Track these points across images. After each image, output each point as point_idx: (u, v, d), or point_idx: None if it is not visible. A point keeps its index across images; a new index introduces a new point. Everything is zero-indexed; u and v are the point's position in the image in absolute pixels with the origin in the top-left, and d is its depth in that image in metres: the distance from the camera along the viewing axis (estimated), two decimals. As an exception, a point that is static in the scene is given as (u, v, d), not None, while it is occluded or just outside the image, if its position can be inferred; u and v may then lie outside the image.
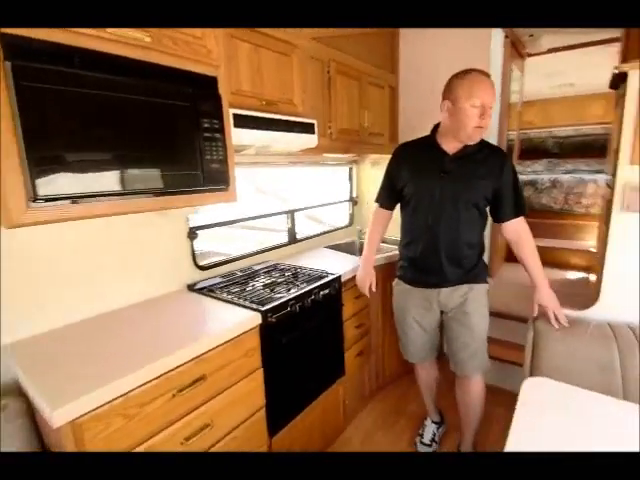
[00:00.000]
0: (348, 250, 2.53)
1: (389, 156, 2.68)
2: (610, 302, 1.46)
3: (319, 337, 1.68)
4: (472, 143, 1.32)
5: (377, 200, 1.64)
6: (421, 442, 1.80)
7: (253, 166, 2.01)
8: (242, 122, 1.32)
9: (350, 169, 2.94)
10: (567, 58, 3.15)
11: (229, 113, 1.26)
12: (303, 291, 1.54)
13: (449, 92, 1.29)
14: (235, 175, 1.32)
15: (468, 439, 1.64)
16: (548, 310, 1.38)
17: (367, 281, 1.66)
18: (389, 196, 1.57)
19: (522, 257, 1.42)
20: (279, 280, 1.69)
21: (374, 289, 1.68)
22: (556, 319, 1.38)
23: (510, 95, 2.82)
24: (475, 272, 1.45)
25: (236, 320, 1.26)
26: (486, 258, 1.64)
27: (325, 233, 2.65)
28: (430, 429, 1.83)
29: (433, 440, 1.79)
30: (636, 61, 1.25)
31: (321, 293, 1.62)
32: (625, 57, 1.67)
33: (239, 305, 1.40)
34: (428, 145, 1.42)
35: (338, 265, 1.92)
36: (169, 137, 1.07)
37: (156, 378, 0.99)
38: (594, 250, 2.82)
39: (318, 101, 1.85)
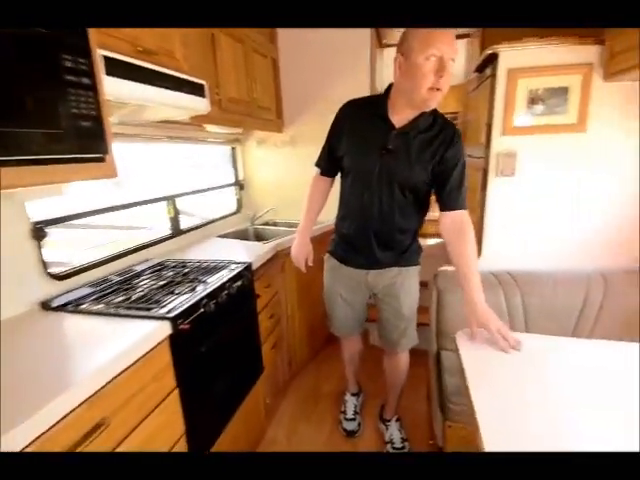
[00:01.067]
0: (243, 237, 2.32)
1: (277, 134, 2.59)
2: (490, 255, 1.70)
3: (238, 336, 1.46)
4: (428, 110, 1.14)
5: (317, 164, 1.47)
6: (345, 418, 1.79)
7: (117, 140, 1.58)
8: (115, 69, 0.97)
9: (233, 149, 2.68)
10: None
11: (99, 54, 0.90)
12: (216, 286, 1.29)
13: (402, 43, 1.07)
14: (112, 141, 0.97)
15: (392, 404, 1.71)
16: (491, 330, 1.02)
17: (303, 255, 1.53)
18: (329, 162, 1.40)
19: (460, 256, 1.20)
20: (177, 279, 1.38)
21: (310, 263, 1.55)
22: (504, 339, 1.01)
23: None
24: (406, 256, 1.39)
25: (134, 337, 0.94)
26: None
27: (212, 222, 2.34)
28: (351, 403, 1.85)
29: (355, 412, 1.82)
30: (505, 44, 1.43)
31: (234, 286, 1.39)
32: (483, 46, 1.96)
33: (133, 317, 1.07)
34: (376, 112, 1.23)
35: (239, 254, 1.70)
36: (7, 72, 0.68)
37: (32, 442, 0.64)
38: None
39: (201, 60, 1.55)
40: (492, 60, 1.53)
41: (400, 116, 1.19)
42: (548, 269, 1.63)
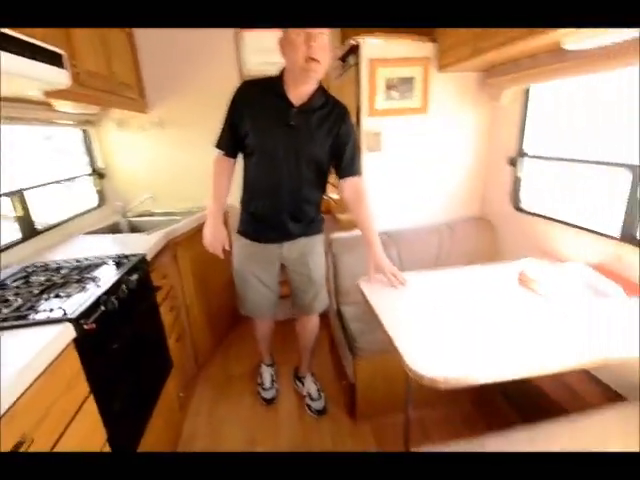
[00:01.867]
0: (116, 232, 2.07)
1: (142, 115, 2.33)
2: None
3: (144, 332, 1.36)
4: (310, 84, 1.25)
5: (218, 146, 1.42)
6: (263, 389, 1.87)
7: None
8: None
9: (84, 131, 2.30)
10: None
11: None
12: (112, 281, 1.17)
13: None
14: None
15: (306, 363, 1.87)
16: (385, 272, 1.33)
17: (219, 240, 1.46)
18: (230, 142, 1.39)
19: (360, 217, 1.43)
20: (56, 281, 1.19)
21: (228, 247, 1.50)
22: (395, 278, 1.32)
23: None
24: (312, 225, 1.51)
25: (36, 347, 0.81)
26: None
27: (72, 219, 2.01)
28: (267, 373, 1.93)
29: (272, 381, 1.91)
30: (364, 35, 1.67)
31: (132, 279, 1.28)
32: (342, 35, 2.18)
33: (27, 325, 0.90)
34: (274, 92, 1.29)
35: (122, 249, 1.54)
36: None
37: None
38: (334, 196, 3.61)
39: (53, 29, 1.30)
40: (354, 50, 1.75)
41: (296, 94, 1.28)
42: (412, 226, 2.02)
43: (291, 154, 1.32)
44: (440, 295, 1.25)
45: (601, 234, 1.36)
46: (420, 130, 1.90)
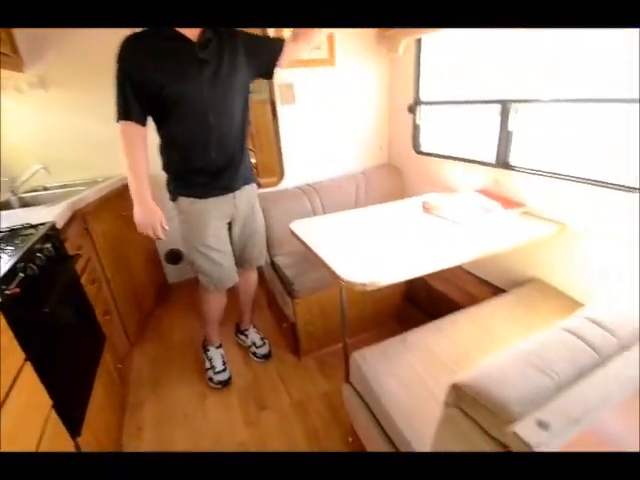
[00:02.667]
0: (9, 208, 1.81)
1: (17, 75, 1.98)
2: (293, 174, 2.07)
3: (71, 300, 1.28)
4: None
5: (123, 116, 1.23)
6: (216, 373, 1.73)
7: None
8: None
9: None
10: None
11: None
12: (27, 247, 1.07)
13: None
14: None
15: (248, 316, 1.92)
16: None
17: (155, 219, 1.34)
18: (138, 107, 1.23)
19: (299, 40, 1.40)
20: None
21: (166, 226, 1.38)
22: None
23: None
24: (249, 172, 1.50)
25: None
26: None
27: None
28: (218, 355, 1.79)
29: (224, 362, 1.77)
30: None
31: (46, 246, 1.18)
32: None
33: None
34: (167, 36, 1.18)
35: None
36: None
37: None
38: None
39: None
40: None
41: (188, 31, 1.20)
42: (331, 176, 2.16)
43: (219, 87, 1.26)
44: (360, 227, 1.41)
45: (482, 163, 1.64)
46: (330, 82, 1.99)
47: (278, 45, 1.39)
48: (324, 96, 2.01)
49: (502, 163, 1.55)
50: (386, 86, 2.14)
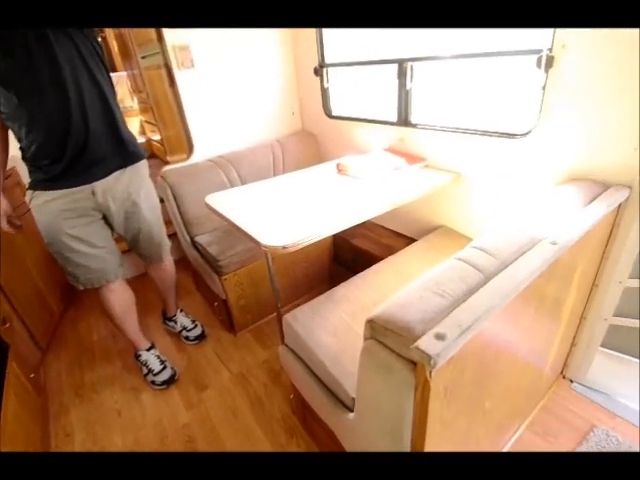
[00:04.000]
0: None
1: None
2: (201, 146, 1.96)
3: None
4: None
5: None
6: (155, 374, 1.58)
7: None
8: None
9: None
10: None
11: None
12: None
13: None
14: None
15: (172, 303, 1.82)
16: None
17: (3, 215, 1.20)
18: None
19: None
20: None
21: (18, 222, 1.22)
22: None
23: None
24: (133, 145, 1.31)
25: None
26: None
27: None
28: (152, 357, 1.62)
29: (162, 360, 1.63)
30: None
31: None
32: None
33: None
34: None
35: None
36: None
37: None
38: (156, 137, 3.24)
39: None
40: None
41: None
42: (245, 146, 2.09)
43: (64, 56, 1.09)
44: (277, 194, 1.41)
45: (387, 123, 1.73)
46: (230, 43, 1.88)
47: None
48: (225, 58, 1.90)
49: (403, 121, 1.65)
50: (291, 48, 2.09)
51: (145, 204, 1.39)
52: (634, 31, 0.90)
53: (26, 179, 1.26)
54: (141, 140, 3.92)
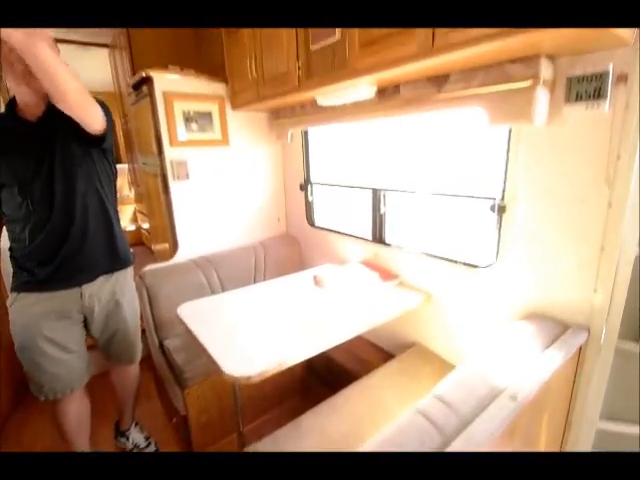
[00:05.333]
0: None
1: None
2: (187, 247, 2.01)
3: None
4: (31, 96, 1.10)
5: None
6: None
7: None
8: None
9: None
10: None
11: None
12: None
13: None
14: None
15: (129, 414, 1.67)
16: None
17: None
18: None
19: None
20: None
21: None
22: None
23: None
24: (124, 252, 1.37)
25: None
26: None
27: None
28: None
29: None
30: (158, 70, 1.72)
31: None
32: (132, 59, 2.13)
33: None
34: (6, 118, 1.14)
35: None
36: None
37: None
38: (146, 226, 3.34)
39: None
40: (146, 81, 1.78)
41: (30, 113, 1.15)
42: (229, 247, 2.15)
43: (67, 163, 1.17)
44: (254, 306, 1.42)
45: (364, 239, 1.84)
46: (225, 159, 2.07)
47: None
48: (219, 173, 2.07)
49: (378, 240, 1.75)
50: (280, 165, 2.31)
51: (127, 305, 1.41)
52: (576, 191, 1.04)
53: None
54: (131, 227, 4.04)
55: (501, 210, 1.21)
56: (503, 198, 1.21)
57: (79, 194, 1.21)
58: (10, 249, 1.25)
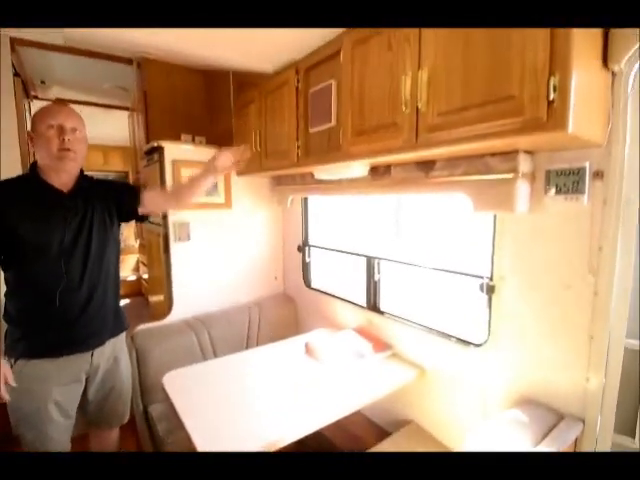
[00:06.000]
0: None
1: None
2: (180, 306, 2.01)
3: None
4: (71, 170, 1.22)
5: None
6: None
7: None
8: None
9: None
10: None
11: None
12: None
13: (31, 124, 1.21)
14: None
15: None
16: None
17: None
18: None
19: (177, 192, 1.48)
20: None
21: (12, 382, 1.13)
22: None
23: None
24: (118, 322, 1.38)
25: None
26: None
27: None
28: None
29: None
30: (170, 140, 1.85)
31: None
32: (149, 126, 2.30)
33: None
34: (33, 185, 1.19)
35: None
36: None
37: None
38: (145, 276, 3.38)
39: None
40: (158, 149, 1.91)
41: (60, 182, 1.22)
42: (222, 307, 2.15)
43: (82, 236, 1.23)
44: (243, 376, 1.39)
45: (358, 305, 1.83)
46: (226, 222, 2.15)
47: (134, 192, 1.40)
48: (220, 234, 2.14)
49: (372, 307, 1.75)
50: (280, 226, 2.38)
51: (124, 363, 1.42)
52: (561, 277, 1.05)
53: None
54: (132, 277, 4.08)
55: (490, 290, 1.22)
56: (492, 278, 1.22)
57: (105, 260, 1.29)
58: (16, 314, 1.22)
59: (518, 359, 1.17)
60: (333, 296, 2.02)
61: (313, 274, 2.24)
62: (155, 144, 1.87)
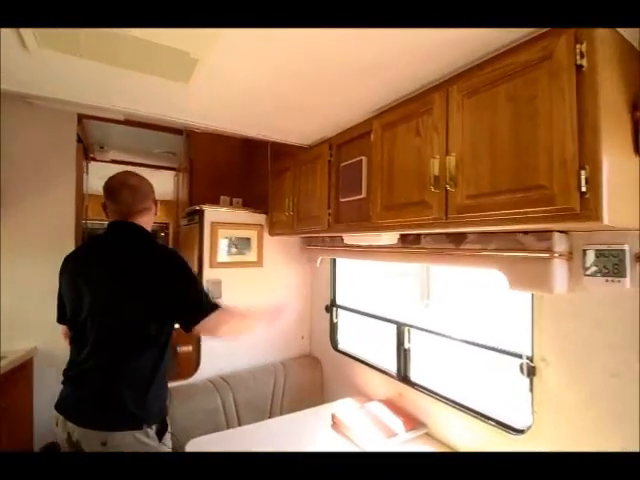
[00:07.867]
0: None
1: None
2: (207, 366, 2.01)
3: None
4: None
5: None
6: None
7: None
8: None
9: None
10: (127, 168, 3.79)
11: None
12: None
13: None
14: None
15: None
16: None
17: None
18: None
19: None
20: None
21: None
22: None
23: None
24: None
25: None
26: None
27: None
28: None
29: None
30: (207, 204, 1.99)
31: None
32: (190, 182, 2.49)
33: None
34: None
35: None
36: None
37: None
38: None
39: None
40: (198, 211, 2.05)
41: None
42: (250, 364, 2.13)
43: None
44: (266, 449, 1.33)
45: (388, 374, 1.75)
46: (257, 279, 2.20)
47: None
48: (250, 291, 2.18)
49: (402, 378, 1.67)
50: (307, 286, 2.40)
51: None
52: (607, 364, 0.97)
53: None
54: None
55: (531, 371, 1.14)
56: (532, 359, 1.15)
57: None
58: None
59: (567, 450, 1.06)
60: (360, 361, 1.95)
61: (340, 336, 2.19)
62: (197, 207, 2.00)
